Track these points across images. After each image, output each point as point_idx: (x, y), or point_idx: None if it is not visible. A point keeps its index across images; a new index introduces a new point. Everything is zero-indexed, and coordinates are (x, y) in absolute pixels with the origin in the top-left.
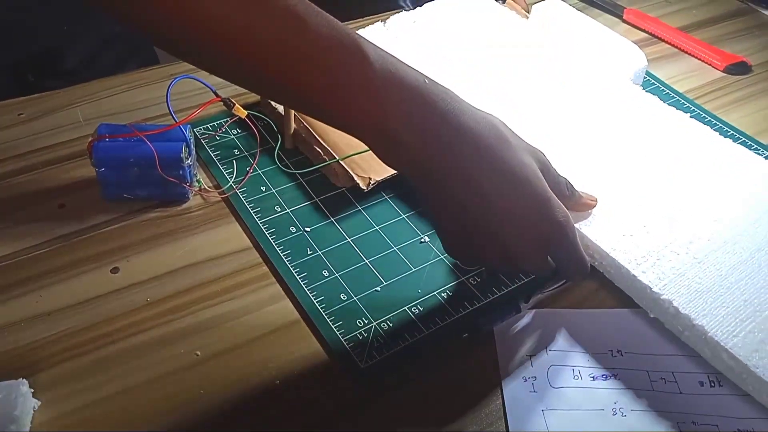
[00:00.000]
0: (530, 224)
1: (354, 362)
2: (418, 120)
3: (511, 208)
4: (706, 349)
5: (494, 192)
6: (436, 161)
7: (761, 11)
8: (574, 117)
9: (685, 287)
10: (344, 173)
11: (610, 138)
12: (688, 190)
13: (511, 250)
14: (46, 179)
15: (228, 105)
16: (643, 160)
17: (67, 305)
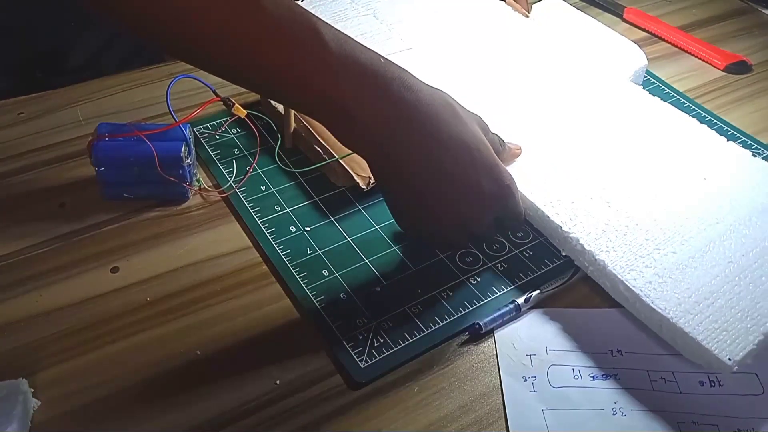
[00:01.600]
0: (482, 190)
1: (354, 362)
2: (374, 99)
3: (465, 176)
4: (607, 282)
5: (450, 163)
6: (392, 138)
7: (761, 10)
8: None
9: (592, 227)
10: (344, 172)
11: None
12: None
13: (466, 216)
14: (46, 179)
15: (228, 104)
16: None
17: (67, 305)
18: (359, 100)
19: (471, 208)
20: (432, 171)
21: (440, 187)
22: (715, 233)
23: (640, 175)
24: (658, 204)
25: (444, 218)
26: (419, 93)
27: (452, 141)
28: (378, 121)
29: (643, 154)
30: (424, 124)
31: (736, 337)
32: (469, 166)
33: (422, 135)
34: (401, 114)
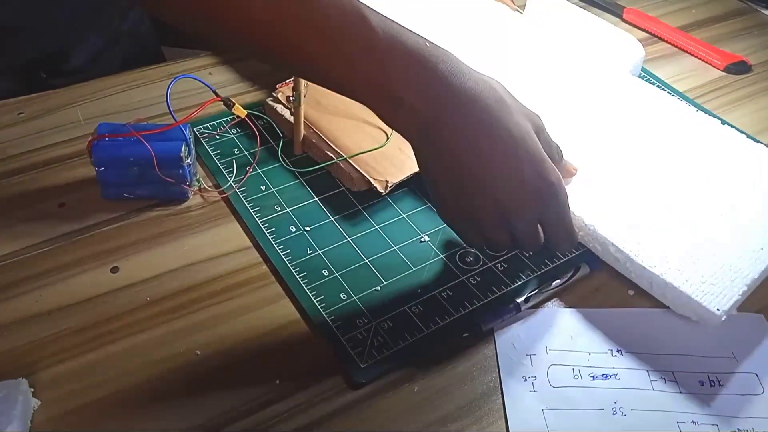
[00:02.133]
0: (524, 181)
1: (354, 362)
2: (421, 82)
3: (506, 165)
4: (597, 246)
5: (491, 150)
6: (437, 121)
7: (761, 11)
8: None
9: (585, 196)
10: (360, 177)
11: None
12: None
13: (506, 206)
14: (46, 178)
15: (228, 104)
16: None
17: (67, 304)
18: (405, 84)
19: (511, 199)
20: (473, 156)
21: (479, 171)
22: (698, 194)
23: (638, 157)
24: (651, 181)
25: (483, 208)
26: (464, 77)
27: (495, 128)
28: (423, 104)
29: (644, 141)
30: (468, 109)
31: (723, 289)
32: (512, 156)
33: (465, 119)
34: (446, 98)
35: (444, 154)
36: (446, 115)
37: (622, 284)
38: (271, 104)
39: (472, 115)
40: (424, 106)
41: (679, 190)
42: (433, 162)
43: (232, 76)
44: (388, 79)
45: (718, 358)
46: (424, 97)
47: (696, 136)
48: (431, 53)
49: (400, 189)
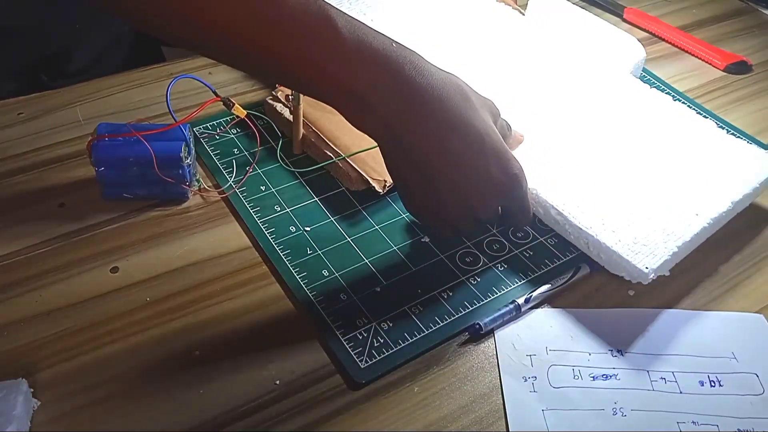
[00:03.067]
0: (490, 176)
1: (354, 362)
2: (387, 84)
3: (474, 161)
4: (540, 209)
5: (459, 147)
6: (403, 122)
7: (761, 10)
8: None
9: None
10: (358, 177)
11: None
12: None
13: (472, 202)
14: (46, 179)
15: (227, 105)
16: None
17: (67, 305)
18: (372, 85)
19: (478, 193)
20: (441, 154)
21: (448, 170)
22: (640, 163)
23: (585, 128)
24: (596, 150)
25: (451, 203)
26: (430, 77)
27: (462, 126)
28: (390, 104)
29: (591, 113)
30: (434, 108)
31: (653, 250)
32: (478, 152)
33: (433, 119)
34: (412, 98)
35: (412, 155)
36: (413, 116)
37: (622, 284)
38: (270, 103)
39: (439, 115)
40: (391, 108)
41: (623, 159)
42: (401, 163)
43: (232, 76)
44: (355, 81)
45: (718, 358)
46: (391, 98)
47: (646, 109)
48: (398, 54)
49: None
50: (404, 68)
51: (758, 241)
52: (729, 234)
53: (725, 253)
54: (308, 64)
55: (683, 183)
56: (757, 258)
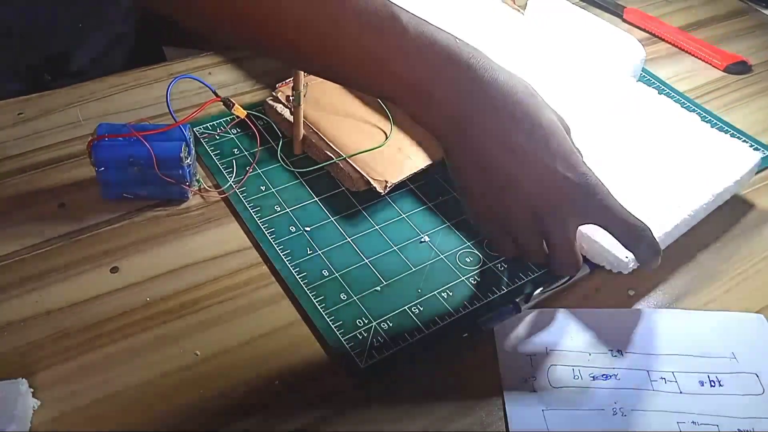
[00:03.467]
0: (556, 173)
1: (354, 362)
2: (452, 78)
3: (538, 156)
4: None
5: (524, 143)
6: (467, 116)
7: (761, 11)
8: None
9: None
10: (359, 177)
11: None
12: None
13: (538, 204)
14: (46, 179)
15: (227, 105)
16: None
17: (67, 305)
18: (436, 80)
19: (542, 191)
20: (504, 149)
21: (510, 166)
22: (626, 156)
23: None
24: (583, 142)
25: (512, 204)
26: (495, 72)
27: (527, 120)
28: (454, 99)
29: (584, 109)
30: (499, 102)
31: None
32: (543, 148)
33: (497, 113)
34: (477, 92)
35: (475, 149)
36: (478, 109)
37: (622, 284)
38: (271, 104)
39: (504, 109)
40: (456, 101)
41: (607, 152)
42: (463, 159)
43: (232, 76)
44: (419, 77)
45: (718, 358)
46: (456, 92)
47: (631, 103)
48: (462, 49)
49: (400, 189)
50: (469, 63)
51: (758, 241)
52: (729, 234)
53: (725, 254)
54: (371, 61)
55: (666, 176)
56: (757, 258)
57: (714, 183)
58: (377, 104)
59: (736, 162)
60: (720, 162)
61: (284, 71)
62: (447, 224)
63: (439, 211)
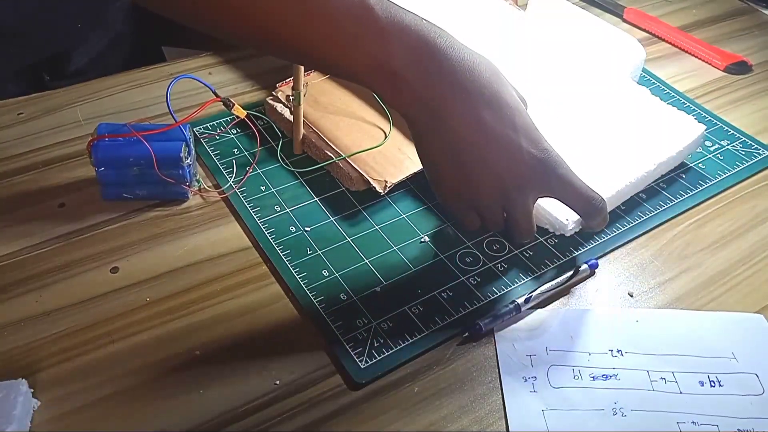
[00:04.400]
0: (522, 151)
1: (354, 362)
2: (422, 58)
3: (506, 135)
4: None
5: (492, 121)
6: (437, 95)
7: (761, 11)
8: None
9: None
10: (359, 177)
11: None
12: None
13: (506, 180)
14: (46, 179)
15: (227, 105)
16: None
17: (67, 305)
18: (407, 61)
19: (511, 171)
20: (473, 128)
21: (481, 144)
22: (580, 128)
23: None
24: (543, 117)
25: (481, 181)
26: (462, 51)
27: (494, 100)
28: (424, 78)
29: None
30: (467, 81)
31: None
32: (510, 125)
33: (466, 91)
34: (447, 71)
35: (446, 129)
36: (447, 89)
37: (622, 284)
38: (271, 104)
39: (473, 88)
40: (426, 81)
41: (560, 125)
42: (433, 139)
43: (232, 76)
44: (389, 56)
45: (718, 358)
46: (426, 72)
47: (588, 80)
48: (429, 29)
49: (400, 189)
50: (437, 43)
51: (758, 241)
52: (728, 234)
53: (725, 254)
54: (342, 43)
55: (614, 146)
56: (757, 258)
57: (658, 152)
58: (377, 104)
59: (682, 133)
60: (666, 133)
61: (284, 71)
62: (447, 224)
63: (439, 211)
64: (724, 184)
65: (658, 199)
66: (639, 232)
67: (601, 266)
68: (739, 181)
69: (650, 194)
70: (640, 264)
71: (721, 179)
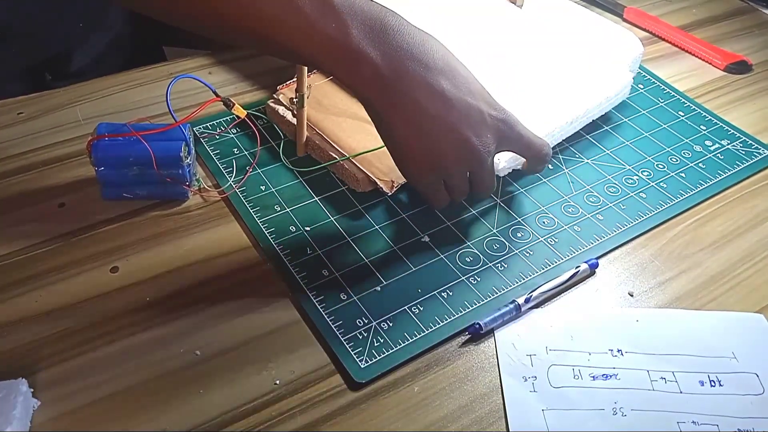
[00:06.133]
0: (483, 115)
1: (354, 362)
2: (377, 33)
3: (466, 103)
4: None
5: (451, 89)
6: (395, 70)
7: (761, 10)
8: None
9: None
10: (365, 178)
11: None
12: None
13: (474, 145)
14: (45, 178)
15: (227, 105)
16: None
17: (67, 304)
18: (363, 37)
19: (475, 133)
20: (436, 99)
21: (444, 113)
22: (528, 76)
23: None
24: (490, 64)
25: (449, 148)
26: (411, 28)
27: (449, 70)
28: (383, 54)
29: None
30: (423, 54)
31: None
32: (468, 94)
33: (423, 63)
34: (403, 45)
35: (408, 101)
36: (405, 63)
37: (622, 284)
38: (272, 106)
39: (427, 60)
40: (384, 56)
41: (504, 75)
42: (396, 116)
43: (232, 76)
44: (347, 35)
45: (718, 358)
46: (383, 47)
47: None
48: (380, 9)
49: (400, 189)
50: (389, 20)
51: (758, 241)
52: (729, 234)
53: (725, 254)
54: (299, 24)
55: (549, 95)
56: (757, 258)
57: (587, 100)
58: None
59: (612, 84)
60: (596, 83)
61: (284, 71)
62: (447, 224)
63: (439, 211)
64: (724, 183)
65: (658, 199)
66: (639, 232)
67: (601, 266)
68: (739, 180)
69: (650, 194)
70: (640, 264)
71: (721, 179)
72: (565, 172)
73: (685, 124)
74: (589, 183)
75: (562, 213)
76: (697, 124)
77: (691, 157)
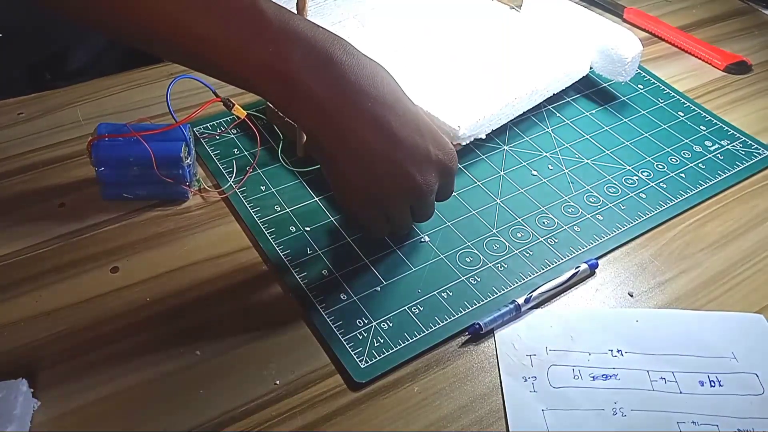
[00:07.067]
0: (429, 154)
1: (354, 362)
2: (317, 63)
3: (412, 140)
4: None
5: (398, 127)
6: (337, 102)
7: (761, 11)
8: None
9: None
10: None
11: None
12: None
13: (415, 182)
14: (46, 179)
15: (227, 105)
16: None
17: (67, 305)
18: (300, 66)
19: (422, 173)
20: (379, 133)
21: (387, 148)
22: (475, 61)
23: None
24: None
25: (390, 185)
26: (359, 58)
27: (397, 105)
28: (322, 85)
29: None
30: (371, 87)
31: (468, 116)
32: (415, 131)
33: (367, 98)
34: (345, 77)
35: (354, 139)
36: (348, 95)
37: (622, 284)
38: (272, 107)
39: (373, 93)
40: (323, 87)
41: (463, 59)
42: (336, 148)
43: None
44: (283, 62)
45: (718, 358)
46: (323, 79)
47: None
48: (325, 36)
49: None
50: (334, 49)
51: (758, 241)
52: (729, 234)
53: (725, 254)
54: (232, 47)
55: (507, 72)
56: (757, 258)
57: (539, 80)
58: None
59: (570, 65)
60: (555, 64)
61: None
62: (447, 224)
63: (439, 211)
64: (724, 184)
65: (658, 199)
66: (639, 232)
67: (601, 266)
68: (739, 181)
69: (650, 194)
70: (640, 264)
71: (721, 179)
72: (565, 172)
73: (685, 125)
74: (589, 183)
75: (562, 213)
76: (697, 124)
77: (691, 158)
